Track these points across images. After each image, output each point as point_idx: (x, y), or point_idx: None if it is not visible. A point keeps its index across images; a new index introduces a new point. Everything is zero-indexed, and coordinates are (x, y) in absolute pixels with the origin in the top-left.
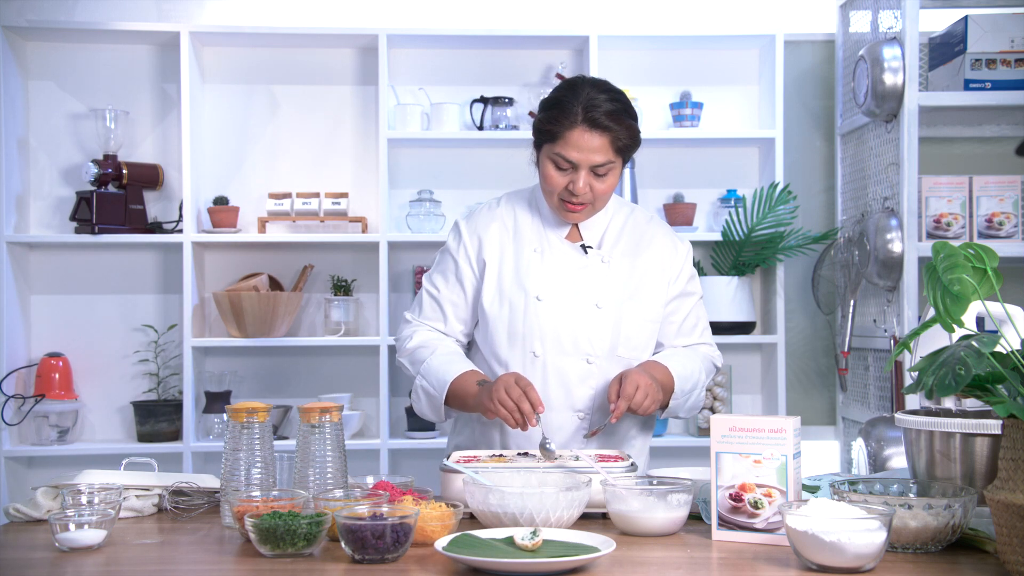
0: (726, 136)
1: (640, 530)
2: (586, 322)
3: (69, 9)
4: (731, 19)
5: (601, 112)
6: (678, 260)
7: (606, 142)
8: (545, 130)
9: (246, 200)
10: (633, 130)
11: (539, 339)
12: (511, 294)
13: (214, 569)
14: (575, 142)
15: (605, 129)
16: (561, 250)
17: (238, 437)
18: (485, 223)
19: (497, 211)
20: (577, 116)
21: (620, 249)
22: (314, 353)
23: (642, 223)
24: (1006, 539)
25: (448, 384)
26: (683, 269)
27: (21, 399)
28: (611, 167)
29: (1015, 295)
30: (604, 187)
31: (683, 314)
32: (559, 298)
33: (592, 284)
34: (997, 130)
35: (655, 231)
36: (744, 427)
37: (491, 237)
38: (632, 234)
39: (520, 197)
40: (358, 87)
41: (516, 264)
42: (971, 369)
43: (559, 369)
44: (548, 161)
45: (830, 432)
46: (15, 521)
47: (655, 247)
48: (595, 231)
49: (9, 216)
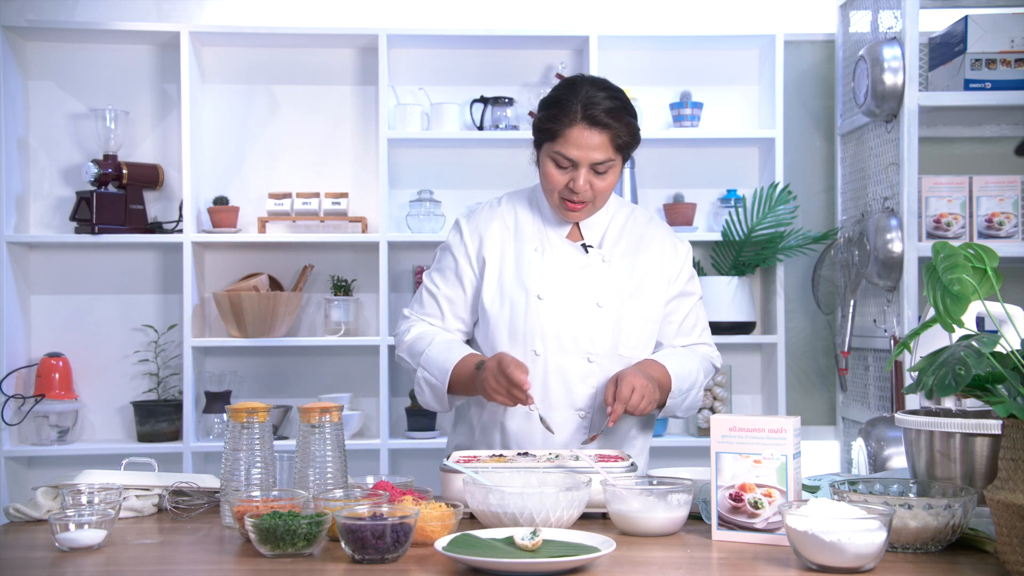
0: (726, 136)
1: (640, 530)
2: (587, 321)
3: (69, 9)
4: (731, 19)
5: (600, 110)
6: (678, 260)
7: (606, 139)
8: (545, 128)
9: (246, 200)
10: (633, 127)
11: (540, 338)
12: (512, 293)
13: (214, 569)
14: (575, 140)
15: (604, 127)
16: (562, 249)
17: (238, 437)
18: (486, 221)
19: (498, 210)
20: (577, 114)
21: (621, 249)
22: (314, 353)
23: (642, 223)
24: (1006, 539)
25: (449, 372)
26: (683, 269)
27: (21, 399)
28: (611, 165)
29: (1015, 295)
30: (604, 185)
31: (683, 314)
32: (560, 297)
33: (593, 283)
34: (997, 130)
35: (655, 231)
36: (744, 427)
37: (492, 235)
38: (632, 234)
39: (521, 196)
40: (358, 87)
41: (517, 263)
42: (971, 369)
43: (560, 368)
44: (548, 160)
45: (830, 432)
46: (15, 521)
47: (655, 247)
48: (596, 231)
49: (9, 216)
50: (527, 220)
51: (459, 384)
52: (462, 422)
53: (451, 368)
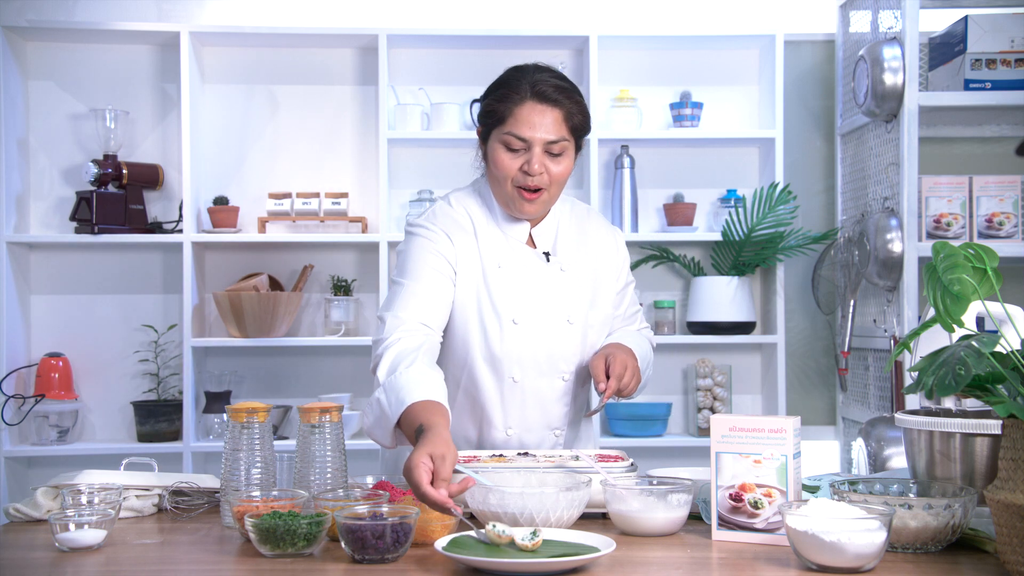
0: (726, 136)
1: (640, 530)
2: (560, 340)
3: (69, 9)
4: (731, 19)
5: (549, 86)
6: (620, 255)
7: (558, 116)
8: (492, 111)
9: (246, 200)
10: (584, 108)
11: (517, 363)
12: (485, 318)
13: (214, 569)
14: (526, 118)
15: (555, 103)
16: (524, 260)
17: (238, 437)
18: (451, 224)
19: (453, 212)
20: (526, 91)
21: (572, 251)
22: (314, 353)
23: (583, 217)
24: (1006, 539)
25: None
26: (625, 262)
27: (21, 399)
28: (565, 146)
29: (1015, 295)
30: (560, 170)
31: (626, 304)
32: (534, 319)
33: (560, 299)
34: (997, 130)
35: (594, 227)
36: (744, 427)
37: (459, 241)
38: (579, 232)
39: (468, 194)
40: (358, 87)
41: (485, 282)
42: (971, 369)
43: (536, 391)
44: (499, 145)
45: (830, 432)
46: (15, 521)
47: (600, 245)
48: (548, 235)
49: (9, 216)
50: (482, 220)
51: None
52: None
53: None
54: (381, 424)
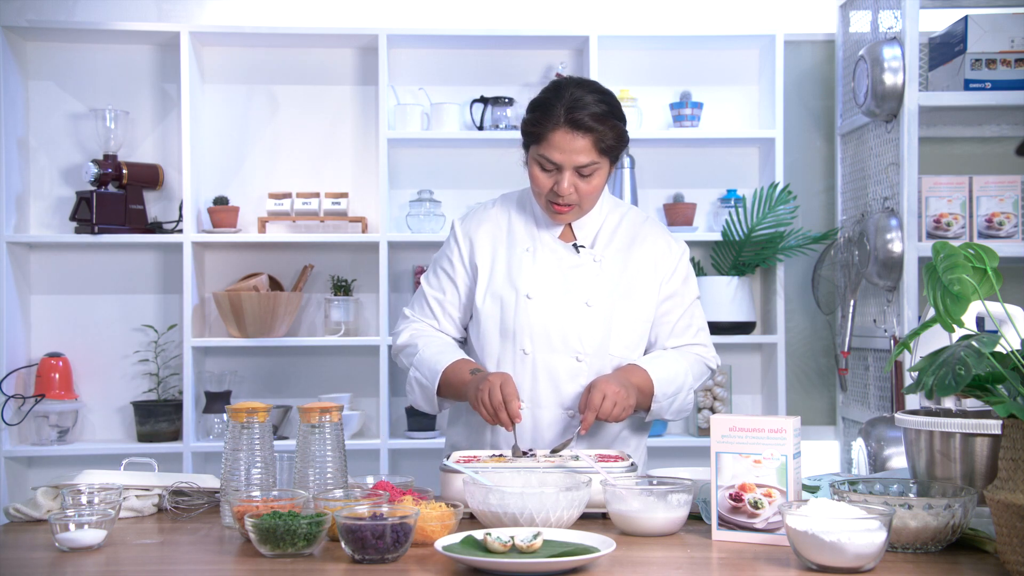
0: (726, 136)
1: (640, 530)
2: (576, 320)
3: (69, 9)
4: (731, 19)
5: (585, 113)
6: (671, 260)
7: (589, 143)
8: (530, 132)
9: (246, 200)
10: (619, 130)
11: (528, 336)
12: (502, 292)
13: (214, 569)
14: (558, 144)
15: (588, 130)
16: (552, 249)
17: (238, 437)
18: (476, 224)
19: (491, 212)
20: (560, 117)
21: (613, 248)
22: (314, 353)
23: (637, 223)
24: (1006, 539)
25: (440, 374)
26: (677, 269)
27: (21, 399)
28: (596, 168)
29: (1015, 295)
30: (589, 188)
31: (677, 315)
32: (549, 296)
33: (583, 282)
34: (997, 130)
35: (649, 231)
36: (744, 427)
37: (482, 239)
38: (626, 234)
39: (513, 198)
40: (358, 87)
41: (508, 263)
42: (971, 369)
43: (548, 366)
44: (534, 162)
45: (830, 432)
46: (15, 521)
47: (648, 246)
48: (588, 231)
49: (9, 216)
50: (519, 222)
51: (450, 387)
52: (456, 421)
53: (442, 371)
54: (425, 396)
